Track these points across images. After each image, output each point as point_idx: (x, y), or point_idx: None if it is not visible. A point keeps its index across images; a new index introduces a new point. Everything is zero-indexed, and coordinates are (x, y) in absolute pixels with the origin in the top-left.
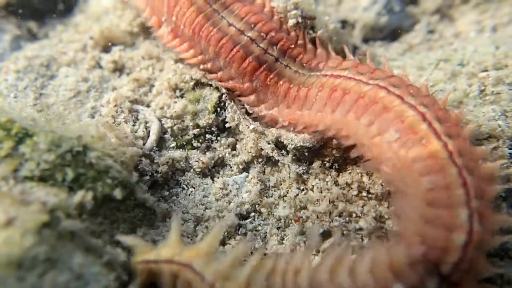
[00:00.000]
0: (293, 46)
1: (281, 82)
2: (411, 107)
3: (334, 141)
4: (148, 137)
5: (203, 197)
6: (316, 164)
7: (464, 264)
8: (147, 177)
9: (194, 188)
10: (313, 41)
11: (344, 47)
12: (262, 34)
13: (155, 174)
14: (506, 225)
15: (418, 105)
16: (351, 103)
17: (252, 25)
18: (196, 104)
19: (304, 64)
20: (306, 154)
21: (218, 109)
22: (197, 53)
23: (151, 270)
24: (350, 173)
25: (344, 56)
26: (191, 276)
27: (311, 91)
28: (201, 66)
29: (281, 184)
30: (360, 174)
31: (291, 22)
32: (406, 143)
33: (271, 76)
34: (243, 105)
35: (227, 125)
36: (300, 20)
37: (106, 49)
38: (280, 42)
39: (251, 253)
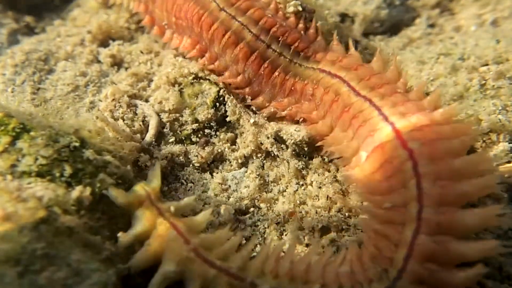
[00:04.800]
0: (288, 33)
1: (276, 73)
2: (394, 132)
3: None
4: (147, 131)
5: (202, 192)
6: (316, 160)
7: (407, 275)
8: (146, 172)
9: (193, 183)
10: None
11: (350, 42)
12: (254, 20)
13: None
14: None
15: (400, 127)
16: (338, 114)
17: (244, 11)
18: (195, 99)
19: (300, 53)
20: (306, 149)
21: (217, 103)
22: (194, 42)
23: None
24: None
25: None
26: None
27: (307, 86)
28: (199, 60)
29: (280, 179)
30: None
31: (291, 9)
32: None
33: (265, 65)
34: (243, 98)
35: (228, 119)
36: (300, 8)
37: (104, 43)
38: (272, 28)
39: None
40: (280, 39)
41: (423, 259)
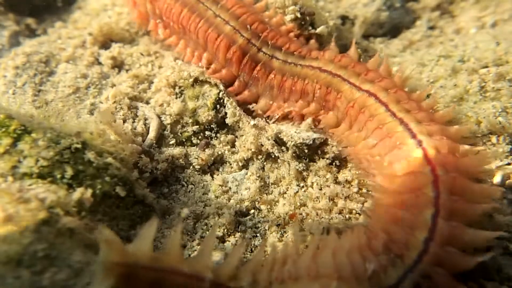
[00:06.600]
0: (277, 36)
1: (272, 76)
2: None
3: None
4: (148, 134)
5: (203, 194)
6: (319, 162)
7: (428, 258)
8: (147, 174)
9: (193, 185)
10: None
11: (352, 44)
12: (247, 25)
13: (155, 171)
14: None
15: (410, 122)
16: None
17: (238, 16)
18: (196, 100)
19: (294, 53)
20: (306, 151)
21: (218, 105)
22: (192, 48)
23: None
24: (350, 170)
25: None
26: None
27: (308, 86)
28: (199, 63)
29: (280, 181)
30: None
31: (289, 17)
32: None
33: (258, 68)
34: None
35: (227, 121)
36: (298, 15)
37: (105, 45)
38: (263, 32)
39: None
40: (269, 42)
41: (443, 243)
